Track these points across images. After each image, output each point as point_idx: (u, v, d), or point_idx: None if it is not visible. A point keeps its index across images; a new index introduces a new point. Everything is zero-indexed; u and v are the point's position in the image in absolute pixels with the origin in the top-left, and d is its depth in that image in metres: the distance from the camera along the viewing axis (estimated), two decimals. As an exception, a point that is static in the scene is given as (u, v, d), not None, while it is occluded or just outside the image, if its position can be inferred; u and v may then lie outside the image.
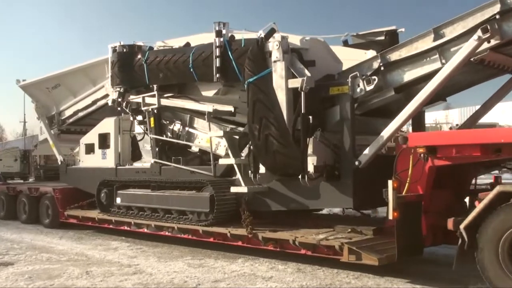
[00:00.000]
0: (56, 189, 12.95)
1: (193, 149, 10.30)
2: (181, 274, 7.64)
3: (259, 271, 7.73)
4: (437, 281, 6.97)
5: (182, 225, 9.34)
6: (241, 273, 7.63)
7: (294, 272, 7.58)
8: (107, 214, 11.17)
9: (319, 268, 7.69)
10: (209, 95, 9.54)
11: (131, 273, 7.81)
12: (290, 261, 8.11)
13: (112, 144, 11.90)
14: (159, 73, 9.95)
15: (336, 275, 7.36)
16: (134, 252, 9.52)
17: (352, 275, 7.29)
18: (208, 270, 7.87)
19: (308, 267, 7.79)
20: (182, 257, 8.86)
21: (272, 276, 7.40)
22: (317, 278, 7.24)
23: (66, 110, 13.78)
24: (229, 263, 8.30)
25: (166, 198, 9.76)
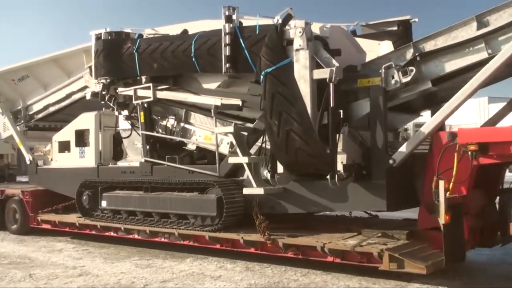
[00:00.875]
0: (25, 192, 11.72)
1: (189, 147, 9.40)
2: (128, 275, 7.62)
3: (207, 270, 7.75)
4: (381, 275, 6.87)
5: (185, 231, 8.45)
6: (189, 272, 7.65)
7: (243, 271, 7.63)
8: (89, 218, 10.12)
9: (267, 267, 7.78)
10: (211, 88, 8.68)
11: (76, 275, 7.72)
12: (239, 259, 8.19)
13: (92, 141, 10.83)
14: (153, 63, 8.99)
15: (284, 272, 7.44)
16: (79, 254, 9.42)
17: (300, 272, 7.38)
18: (156, 270, 7.87)
19: (257, 265, 7.87)
20: (129, 258, 8.84)
21: (220, 275, 7.44)
22: (266, 276, 7.30)
23: (34, 105, 12.55)
24: (178, 263, 8.30)
25: (163, 200, 8.83)
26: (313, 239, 7.20)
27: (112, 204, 9.70)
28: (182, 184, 8.73)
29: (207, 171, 8.68)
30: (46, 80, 12.08)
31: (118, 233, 9.71)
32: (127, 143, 10.53)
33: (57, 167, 11.51)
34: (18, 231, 11.87)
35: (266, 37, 7.41)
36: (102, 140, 10.83)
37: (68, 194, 11.16)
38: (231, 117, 8.80)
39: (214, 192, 8.26)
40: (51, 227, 11.13)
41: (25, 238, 10.98)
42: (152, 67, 9.04)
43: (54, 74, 11.78)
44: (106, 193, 9.80)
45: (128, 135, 10.18)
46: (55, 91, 11.96)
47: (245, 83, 8.36)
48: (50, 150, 11.94)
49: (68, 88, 11.64)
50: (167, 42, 8.79)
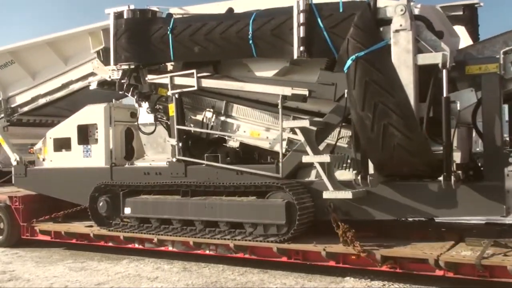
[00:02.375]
0: (14, 197, 10.00)
1: (231, 144, 8.18)
2: (61, 278, 7.44)
3: (144, 271, 7.66)
4: (316, 271, 7.01)
5: (242, 242, 7.24)
6: (125, 274, 7.54)
7: (180, 271, 7.58)
8: (107, 228, 8.66)
9: (205, 266, 7.74)
10: (266, 76, 7.52)
11: (6, 280, 7.50)
12: (176, 260, 8.10)
13: (101, 138, 9.32)
14: (193, 46, 7.69)
15: (221, 272, 7.43)
16: (9, 258, 9.04)
17: (237, 272, 7.38)
18: (90, 273, 7.72)
19: (194, 265, 7.81)
20: (62, 261, 8.61)
21: (157, 276, 7.37)
22: (203, 276, 7.26)
23: (18, 96, 10.79)
24: (113, 264, 8.18)
25: (211, 206, 7.57)
26: (417, 250, 6.23)
27: (139, 211, 8.30)
28: (234, 187, 7.50)
29: (260, 171, 7.52)
30: (35, 67, 10.38)
31: (145, 245, 8.34)
32: (146, 140, 9.14)
33: (53, 167, 9.90)
34: (6, 243, 10.13)
35: (356, 16, 6.35)
36: (113, 137, 9.36)
37: (70, 199, 9.65)
38: (286, 110, 7.67)
39: (280, 196, 7.12)
40: (51, 238, 9.51)
41: None
42: (192, 51, 7.74)
43: (48, 60, 10.10)
44: (130, 199, 8.38)
45: (151, 130, 8.79)
46: (47, 80, 10.29)
47: (310, 71, 7.28)
48: (42, 149, 10.27)
49: (65, 76, 10.02)
50: (213, 22, 7.52)
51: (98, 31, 9.08)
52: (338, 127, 7.02)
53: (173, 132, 8.30)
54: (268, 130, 7.79)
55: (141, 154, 9.70)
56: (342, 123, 6.96)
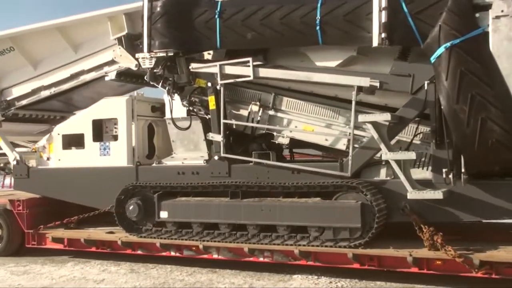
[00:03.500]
0: (17, 201, 8.89)
1: (280, 140, 7.50)
2: (2, 283, 7.27)
3: (90, 274, 7.53)
4: (265, 269, 7.12)
5: (313, 248, 6.58)
6: (70, 277, 7.40)
7: (127, 273, 7.47)
8: (138, 235, 7.77)
9: (152, 267, 7.66)
10: (330, 65, 6.91)
11: None
12: (123, 261, 8.02)
13: (122, 134, 8.39)
14: (246, 32, 6.97)
15: (169, 273, 7.37)
16: None
17: (185, 272, 7.33)
18: (34, 276, 7.52)
19: (142, 267, 7.72)
20: (4, 265, 8.34)
21: (104, 278, 7.26)
22: (151, 277, 7.19)
23: (15, 88, 9.63)
24: (58, 267, 8.00)
25: (270, 209, 6.85)
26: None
27: (179, 215, 7.46)
28: (295, 188, 6.82)
29: (323, 170, 6.88)
30: (39, 55, 9.27)
31: (183, 253, 7.52)
32: (175, 136, 8.29)
33: (62, 168, 8.86)
34: (2, 253, 9.00)
35: (450, 1, 5.83)
36: (136, 133, 8.46)
37: (84, 203, 8.66)
38: (346, 103, 7.09)
39: (351, 197, 6.51)
40: (64, 246, 8.48)
41: None
42: (243, 37, 7.02)
43: (55, 48, 9.03)
44: (167, 201, 7.53)
45: (187, 126, 7.95)
46: (52, 70, 9.23)
47: (377, 61, 6.73)
48: (47, 147, 9.20)
49: (76, 66, 9.00)
50: (272, 6, 6.82)
51: (119, 16, 8.20)
52: (414, 122, 6.50)
53: (214, 127, 7.55)
54: (325, 125, 7.17)
55: (163, 152, 8.85)
56: (419, 118, 6.45)
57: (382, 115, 6.30)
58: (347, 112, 7.03)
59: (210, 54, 7.91)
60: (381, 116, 6.30)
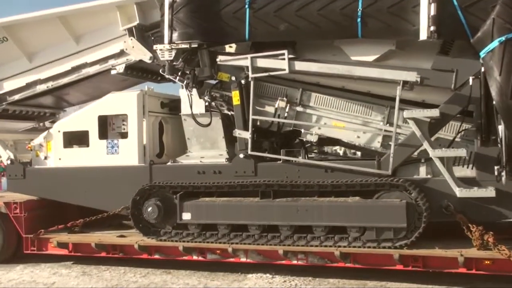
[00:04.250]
0: (14, 204, 8.19)
1: (308, 137, 7.19)
2: None
3: (40, 277, 7.36)
4: (219, 269, 7.20)
5: (356, 249, 6.31)
6: (20, 281, 7.23)
7: (79, 275, 7.35)
8: (157, 238, 7.28)
9: (105, 270, 7.57)
10: (366, 59, 6.64)
11: None
12: (74, 264, 7.94)
13: (133, 131, 7.87)
14: (278, 23, 6.64)
15: (123, 275, 7.30)
16: None
17: (139, 274, 7.30)
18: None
19: (94, 269, 7.63)
20: None
21: (54, 281, 7.12)
22: (104, 279, 7.12)
23: (6, 81, 8.93)
24: (6, 271, 7.75)
25: (307, 209, 6.53)
26: None
27: (204, 217, 7.02)
28: (333, 187, 6.53)
29: (360, 168, 6.63)
30: (36, 46, 8.60)
31: (207, 257, 7.09)
32: (192, 134, 7.84)
33: (64, 167, 8.24)
34: (-2, 259, 8.32)
35: None
36: (147, 130, 7.96)
37: (90, 205, 8.10)
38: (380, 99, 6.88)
39: (394, 196, 6.28)
40: (68, 252, 7.87)
41: None
42: (275, 29, 6.68)
43: (55, 39, 8.40)
44: (190, 202, 7.08)
45: (207, 122, 7.53)
46: (50, 62, 8.59)
47: (416, 56, 6.53)
48: (44, 145, 8.55)
49: (78, 58, 8.39)
50: (308, -4, 6.51)
51: (129, 5, 7.73)
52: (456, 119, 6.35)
53: (239, 123, 7.17)
54: (357, 122, 6.92)
55: (172, 151, 8.40)
56: (463, 115, 6.30)
57: (430, 111, 6.11)
58: (381, 108, 6.86)
59: (232, 47, 7.53)
60: (429, 112, 6.11)
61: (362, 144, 6.95)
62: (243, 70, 7.17)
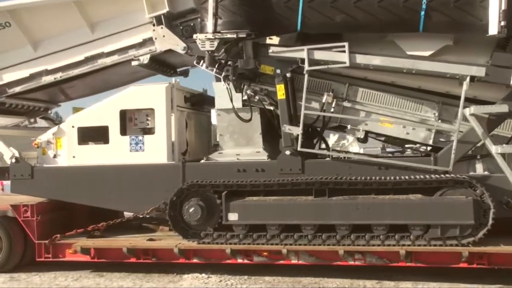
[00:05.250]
0: (24, 206, 7.38)
1: (355, 133, 6.98)
2: None
3: None
4: (154, 270, 7.16)
5: (422, 248, 6.14)
6: None
7: (6, 281, 7.09)
8: (198, 241, 6.79)
9: (35, 274, 7.34)
10: (422, 54, 6.50)
11: None
12: None
13: (161, 127, 7.33)
14: (334, 14, 6.38)
15: (54, 279, 7.13)
16: None
17: (71, 277, 7.14)
18: None
19: (23, 274, 7.36)
20: None
21: None
22: (33, 284, 6.93)
23: (7, 71, 8.08)
24: None
25: (369, 208, 6.30)
26: None
27: (253, 217, 6.61)
28: (393, 184, 6.33)
29: (413, 164, 6.50)
30: (43, 33, 7.83)
31: (253, 259, 6.70)
32: (225, 130, 7.40)
33: (79, 166, 7.55)
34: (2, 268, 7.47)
35: None
36: (176, 126, 7.45)
37: (113, 207, 7.55)
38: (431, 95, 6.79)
39: (459, 193, 6.19)
40: (91, 258, 7.19)
41: None
42: (331, 20, 6.42)
43: (67, 25, 7.70)
44: (238, 202, 6.65)
45: (249, 118, 7.12)
46: (60, 51, 7.85)
47: (471, 51, 6.48)
48: (54, 142, 7.79)
49: (93, 48, 7.72)
50: (369, -12, 6.30)
51: (156, -9, 7.19)
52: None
53: (284, 118, 6.84)
54: (408, 117, 6.79)
55: (195, 148, 7.94)
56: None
57: (498, 107, 6.07)
58: (431, 104, 6.78)
59: (271, 39, 7.17)
60: (496, 107, 6.06)
61: (412, 140, 6.82)
62: (288, 63, 6.85)
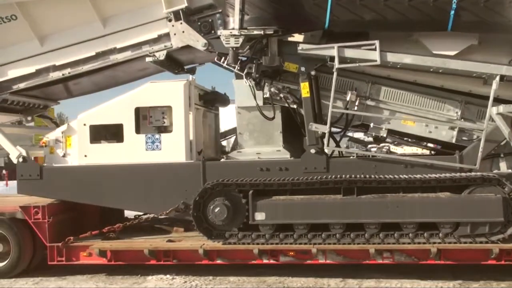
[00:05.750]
0: (35, 208, 7.05)
1: (378, 132, 6.97)
2: None
3: None
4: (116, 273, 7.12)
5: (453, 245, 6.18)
6: None
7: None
8: (223, 241, 6.65)
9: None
10: (448, 53, 6.56)
11: None
12: None
13: (179, 125, 7.14)
14: (363, 12, 6.36)
15: (14, 282, 6.96)
16: None
17: (32, 281, 6.98)
18: None
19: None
20: None
21: None
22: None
23: (10, 66, 7.71)
24: None
25: (399, 206, 6.31)
26: None
27: (281, 217, 6.51)
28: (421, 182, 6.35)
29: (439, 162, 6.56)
30: (51, 27, 7.52)
31: (279, 259, 6.61)
32: (245, 128, 7.29)
33: (92, 165, 7.28)
34: (8, 273, 7.12)
35: None
36: (194, 124, 7.28)
37: (128, 208, 7.34)
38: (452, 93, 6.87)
39: (487, 191, 6.26)
40: (107, 261, 6.94)
41: None
42: (360, 18, 6.41)
43: (77, 19, 7.41)
44: (265, 201, 6.54)
45: (272, 116, 7.03)
46: (68, 46, 7.55)
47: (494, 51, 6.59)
48: (63, 140, 7.50)
49: (105, 43, 7.46)
50: (400, -13, 6.31)
51: (173, -16, 7.02)
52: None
53: (308, 116, 6.78)
54: (431, 116, 6.84)
55: (208, 147, 7.80)
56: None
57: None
58: (454, 102, 6.85)
59: (293, 36, 7.10)
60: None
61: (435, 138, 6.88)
62: (313, 60, 6.80)
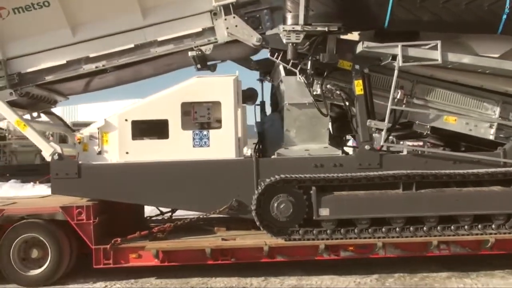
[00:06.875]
0: (78, 208, 6.57)
1: (421, 129, 7.26)
2: None
3: None
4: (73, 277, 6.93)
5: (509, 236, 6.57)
6: None
7: None
8: (286, 238, 6.58)
9: None
10: (492, 54, 6.97)
11: None
12: None
13: (229, 121, 6.98)
14: (422, 13, 6.61)
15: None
16: None
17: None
18: None
19: None
20: None
21: None
22: None
23: (36, 57, 7.15)
24: None
25: (458, 199, 6.59)
26: None
27: (345, 212, 6.56)
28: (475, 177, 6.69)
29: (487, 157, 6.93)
30: (86, 16, 7.06)
31: (340, 254, 6.67)
32: (293, 124, 7.24)
33: (137, 162, 6.91)
34: (45, 280, 6.59)
35: None
36: (241, 121, 7.16)
37: (179, 207, 7.12)
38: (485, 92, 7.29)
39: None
40: (160, 262, 6.62)
41: None
42: (418, 18, 6.66)
43: (116, 8, 7.02)
44: (330, 196, 6.56)
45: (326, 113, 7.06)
46: (103, 36, 7.13)
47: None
48: (99, 136, 7.05)
49: (144, 35, 7.13)
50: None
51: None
52: None
53: (362, 114, 6.91)
54: (472, 115, 7.22)
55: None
56: None
57: None
58: (491, 102, 7.26)
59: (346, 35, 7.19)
60: None
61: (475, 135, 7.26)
62: (366, 59, 6.94)
